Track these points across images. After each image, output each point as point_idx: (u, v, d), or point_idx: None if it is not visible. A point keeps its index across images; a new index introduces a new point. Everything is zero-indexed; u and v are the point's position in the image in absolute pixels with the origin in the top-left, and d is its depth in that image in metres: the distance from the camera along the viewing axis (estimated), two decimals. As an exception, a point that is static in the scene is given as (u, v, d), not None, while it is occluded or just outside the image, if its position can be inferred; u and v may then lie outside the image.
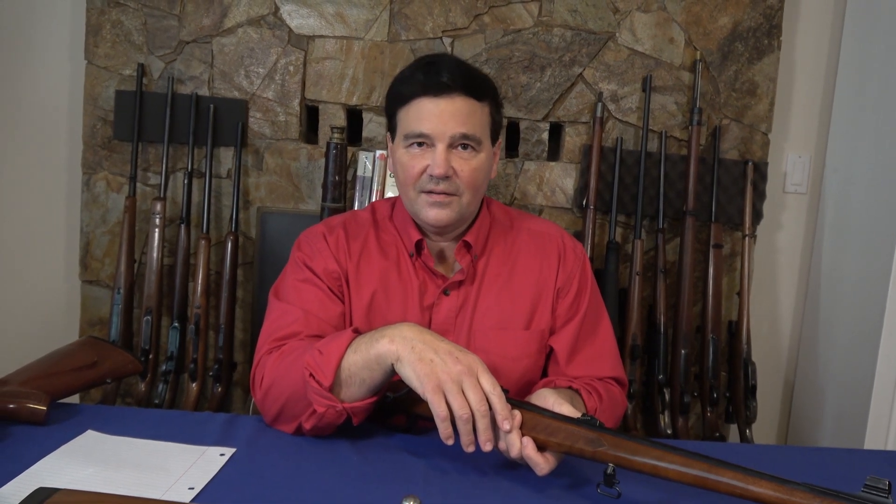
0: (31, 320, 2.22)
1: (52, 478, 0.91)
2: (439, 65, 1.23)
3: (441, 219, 1.24)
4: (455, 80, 1.21)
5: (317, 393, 1.04)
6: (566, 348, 1.30)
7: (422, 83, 1.21)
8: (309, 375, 1.04)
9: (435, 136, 1.21)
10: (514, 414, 0.99)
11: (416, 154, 1.23)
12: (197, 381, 2.02)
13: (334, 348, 1.05)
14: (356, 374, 1.04)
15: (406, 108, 1.23)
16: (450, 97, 1.20)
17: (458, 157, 1.22)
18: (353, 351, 1.04)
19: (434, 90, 1.20)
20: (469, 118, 1.22)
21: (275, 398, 1.11)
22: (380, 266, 1.29)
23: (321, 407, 1.05)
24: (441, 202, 1.23)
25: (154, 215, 2.04)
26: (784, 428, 2.38)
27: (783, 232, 2.31)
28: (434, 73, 1.21)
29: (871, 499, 0.78)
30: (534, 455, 0.97)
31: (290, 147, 2.12)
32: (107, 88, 2.09)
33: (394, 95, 1.27)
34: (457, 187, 1.23)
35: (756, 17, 2.11)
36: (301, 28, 2.09)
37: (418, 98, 1.22)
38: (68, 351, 1.25)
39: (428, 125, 1.21)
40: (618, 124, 2.13)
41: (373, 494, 0.94)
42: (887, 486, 0.79)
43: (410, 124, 1.22)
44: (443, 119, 1.20)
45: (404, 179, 1.25)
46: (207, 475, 0.95)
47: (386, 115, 1.32)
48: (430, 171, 1.21)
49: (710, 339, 2.08)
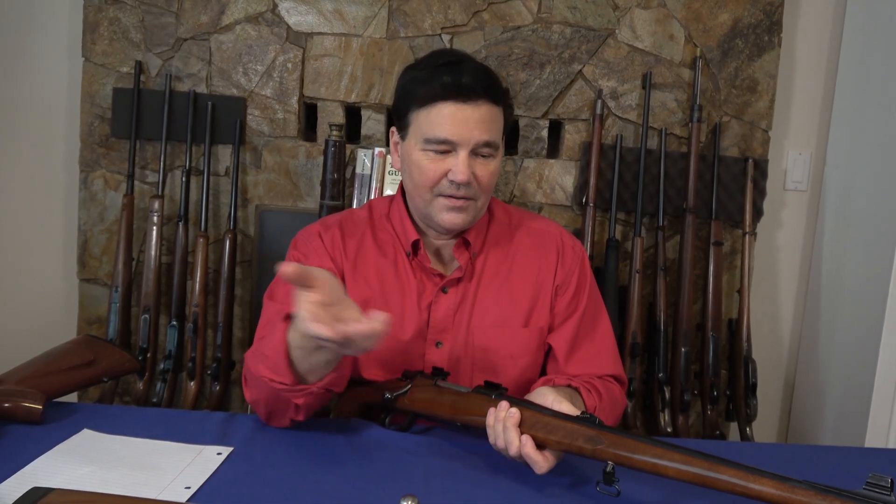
0: (29, 319, 2.22)
1: (48, 477, 0.91)
2: (461, 67, 1.20)
3: (457, 223, 1.23)
4: (478, 85, 1.19)
5: (288, 392, 1.05)
6: (565, 346, 1.29)
7: (445, 86, 1.18)
8: (270, 381, 1.05)
9: (459, 144, 1.19)
10: (513, 412, 0.99)
11: (435, 158, 1.21)
12: (195, 379, 2.01)
13: (276, 349, 1.04)
14: (308, 360, 1.03)
15: (426, 110, 1.20)
16: (475, 104, 1.18)
17: (479, 163, 1.21)
18: (293, 343, 1.02)
19: (460, 95, 1.18)
20: (492, 125, 1.21)
21: (260, 406, 1.13)
22: (377, 264, 1.29)
23: (300, 399, 1.06)
24: (460, 207, 1.22)
25: (152, 213, 2.03)
26: (784, 426, 2.37)
27: (784, 229, 2.30)
28: (457, 76, 1.18)
29: (874, 496, 0.78)
30: (533, 453, 0.96)
31: (289, 145, 2.11)
32: (104, 86, 2.08)
33: (409, 93, 1.23)
34: (475, 192, 1.22)
35: (756, 14, 2.10)
36: (299, 25, 2.08)
37: (441, 102, 1.18)
38: (65, 349, 1.25)
39: (452, 131, 1.18)
40: (617, 121, 2.12)
41: (371, 494, 0.94)
42: (889, 483, 0.78)
43: (433, 129, 1.19)
44: (468, 126, 1.18)
45: (421, 182, 1.23)
46: (204, 474, 0.95)
47: (395, 112, 1.28)
48: (451, 176, 1.19)
49: (710, 336, 2.08)
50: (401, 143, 1.27)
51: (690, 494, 0.96)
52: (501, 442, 0.99)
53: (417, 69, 1.26)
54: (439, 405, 1.11)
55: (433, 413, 1.12)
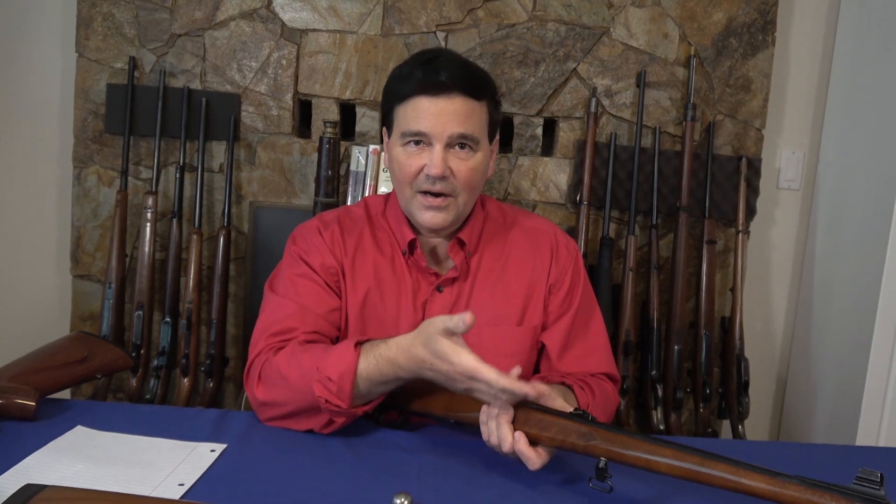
0: (22, 315, 2.21)
1: (41, 474, 0.91)
2: (438, 63, 1.22)
3: (437, 223, 1.24)
4: (454, 80, 1.20)
5: (335, 414, 1.07)
6: (558, 344, 1.30)
7: (420, 81, 1.20)
8: (325, 402, 1.05)
9: (433, 136, 1.20)
10: (506, 409, 0.99)
11: (412, 152, 1.22)
12: (189, 376, 2.01)
13: (343, 375, 1.05)
14: (375, 390, 1.07)
15: (403, 105, 1.22)
16: (448, 97, 1.20)
17: (456, 156, 1.22)
18: (365, 374, 1.05)
19: (433, 89, 1.20)
20: (468, 118, 1.21)
21: (278, 408, 1.12)
22: (375, 262, 1.29)
23: (340, 419, 1.08)
24: (438, 206, 1.22)
25: (145, 210, 2.02)
26: (776, 424, 2.38)
27: (777, 228, 2.31)
28: (433, 72, 1.20)
29: (864, 491, 0.78)
30: (526, 450, 0.97)
31: (283, 141, 2.11)
32: (98, 82, 2.07)
33: (391, 91, 1.26)
34: (454, 188, 1.22)
35: (750, 13, 2.11)
36: (294, 22, 2.08)
37: (416, 96, 1.21)
38: (58, 346, 1.25)
39: (426, 124, 1.20)
40: (612, 120, 2.13)
41: (365, 492, 0.94)
42: (879, 478, 0.79)
43: (408, 122, 1.21)
44: (441, 119, 1.19)
45: (400, 177, 1.24)
46: (198, 471, 0.95)
47: (382, 111, 1.31)
48: (427, 170, 1.20)
49: (703, 334, 2.08)
50: (388, 140, 1.29)
51: (682, 491, 0.96)
52: (495, 439, 1.00)
53: (400, 68, 1.28)
54: (433, 403, 1.11)
55: (426, 410, 1.12)
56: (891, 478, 0.84)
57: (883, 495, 0.78)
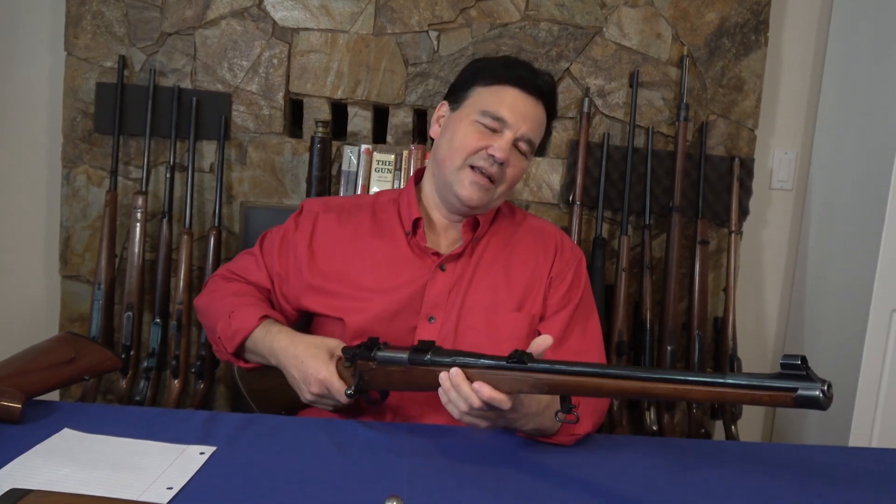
0: (10, 316, 2.19)
1: (27, 478, 0.89)
2: (536, 70, 1.35)
3: (474, 199, 1.29)
4: (545, 91, 1.32)
5: (222, 353, 1.31)
6: (554, 335, 1.30)
7: (518, 75, 1.30)
8: (218, 337, 1.29)
9: (510, 125, 1.27)
10: (454, 371, 1.02)
11: (482, 131, 1.28)
12: (179, 377, 1.99)
13: (241, 329, 1.26)
14: (253, 351, 1.27)
15: (490, 88, 1.30)
16: (536, 101, 1.30)
17: (514, 153, 1.30)
18: (256, 335, 1.26)
19: (527, 87, 1.29)
20: (539, 127, 1.33)
21: (202, 319, 1.41)
22: (371, 241, 1.33)
23: (222, 356, 1.32)
24: (483, 185, 1.28)
25: (135, 210, 2.01)
26: (769, 425, 2.38)
27: (769, 228, 2.31)
28: (532, 73, 1.32)
29: (793, 375, 0.78)
30: (494, 394, 0.99)
31: (274, 141, 2.10)
32: (87, 81, 2.05)
33: (478, 71, 1.34)
34: (502, 176, 1.29)
35: (743, 13, 2.11)
36: (285, 20, 2.06)
37: (509, 85, 1.29)
38: (45, 347, 1.23)
39: (508, 112, 1.27)
40: (605, 120, 2.12)
41: (356, 494, 0.93)
42: (802, 360, 0.79)
43: (493, 104, 1.28)
44: (524, 115, 1.28)
45: (458, 147, 1.29)
46: (186, 475, 0.94)
47: (454, 87, 1.36)
48: (491, 151, 1.26)
49: (696, 335, 2.08)
50: (448, 114, 1.35)
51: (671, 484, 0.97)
52: (463, 404, 1.01)
53: (493, 58, 1.40)
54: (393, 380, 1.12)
55: (390, 387, 1.15)
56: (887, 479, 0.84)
57: (816, 379, 0.78)
